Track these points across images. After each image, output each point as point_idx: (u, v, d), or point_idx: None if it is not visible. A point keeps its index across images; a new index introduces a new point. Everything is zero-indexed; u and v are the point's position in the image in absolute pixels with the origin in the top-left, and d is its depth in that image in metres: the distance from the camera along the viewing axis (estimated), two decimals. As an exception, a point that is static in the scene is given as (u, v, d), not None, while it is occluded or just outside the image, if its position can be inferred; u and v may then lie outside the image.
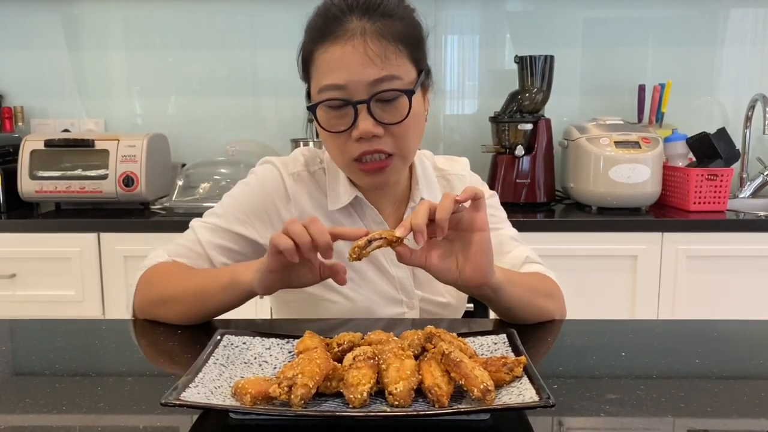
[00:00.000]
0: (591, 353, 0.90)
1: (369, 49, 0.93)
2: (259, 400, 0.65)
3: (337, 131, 0.97)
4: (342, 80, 0.94)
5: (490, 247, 0.87)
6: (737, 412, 0.70)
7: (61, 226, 2.07)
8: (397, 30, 0.96)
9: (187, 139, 2.63)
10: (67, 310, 2.07)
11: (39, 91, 2.65)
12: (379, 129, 0.95)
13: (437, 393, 0.65)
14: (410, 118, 0.97)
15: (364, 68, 0.93)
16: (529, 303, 0.97)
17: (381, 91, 0.94)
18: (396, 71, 0.95)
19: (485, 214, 0.86)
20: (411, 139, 0.99)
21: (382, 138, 0.96)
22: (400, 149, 0.98)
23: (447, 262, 0.88)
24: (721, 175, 2.15)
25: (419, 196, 1.10)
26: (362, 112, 0.94)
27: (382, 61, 0.93)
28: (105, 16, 2.61)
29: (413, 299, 1.11)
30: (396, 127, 0.96)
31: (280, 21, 2.60)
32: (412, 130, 0.99)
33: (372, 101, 0.94)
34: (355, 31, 0.94)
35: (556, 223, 2.09)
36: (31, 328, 1.02)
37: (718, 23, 2.58)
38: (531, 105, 2.32)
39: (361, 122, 0.94)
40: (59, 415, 0.69)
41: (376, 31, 0.94)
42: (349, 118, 0.95)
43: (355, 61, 0.93)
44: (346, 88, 0.94)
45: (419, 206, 0.83)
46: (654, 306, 2.07)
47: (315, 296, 1.09)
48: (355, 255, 0.83)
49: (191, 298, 0.97)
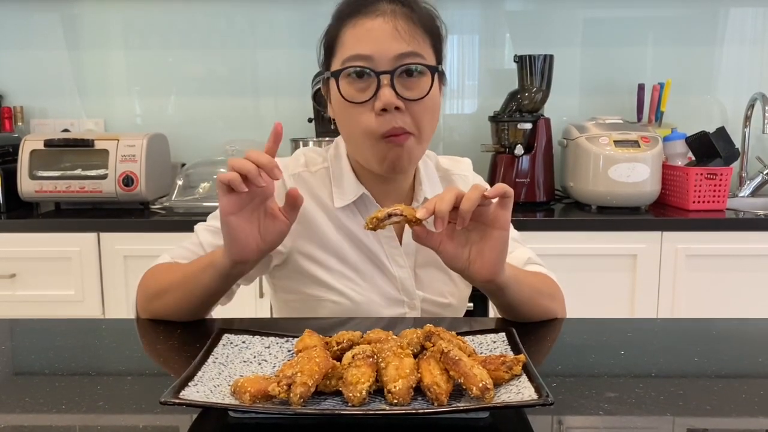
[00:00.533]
0: (590, 352, 0.90)
1: (399, 25, 0.95)
2: (258, 399, 0.65)
3: (358, 102, 0.97)
4: (369, 51, 0.95)
5: (506, 246, 0.87)
6: (736, 411, 0.70)
7: (61, 226, 2.07)
8: (423, 19, 0.99)
9: (187, 139, 2.63)
10: (66, 310, 2.07)
11: (39, 91, 2.65)
12: (400, 102, 0.95)
13: (436, 391, 0.65)
14: (430, 99, 0.98)
15: (392, 41, 0.95)
16: (532, 302, 0.98)
17: (406, 63, 0.95)
18: (422, 51, 0.97)
19: (509, 213, 0.86)
20: (428, 120, 1.00)
21: (401, 114, 0.96)
22: (418, 129, 0.98)
23: (459, 250, 0.88)
24: (720, 175, 2.15)
25: (422, 196, 1.09)
26: (385, 84, 0.95)
27: (410, 38, 0.96)
28: (105, 16, 2.62)
29: (414, 299, 1.10)
30: (416, 104, 0.97)
31: (280, 21, 2.60)
32: (430, 111, 0.99)
33: (396, 74, 0.95)
34: (385, 10, 0.97)
35: (555, 223, 2.09)
36: (31, 327, 1.02)
37: (718, 22, 2.58)
38: (530, 104, 2.32)
39: (384, 93, 0.95)
40: (59, 414, 0.69)
41: (405, 14, 0.97)
42: (371, 89, 0.96)
43: (384, 33, 0.95)
44: (372, 59, 0.95)
45: (446, 192, 0.83)
46: (653, 305, 2.07)
47: (316, 297, 1.08)
48: (372, 225, 0.83)
49: (179, 286, 0.97)
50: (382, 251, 1.09)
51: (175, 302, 0.98)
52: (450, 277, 1.13)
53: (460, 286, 1.15)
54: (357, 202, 1.08)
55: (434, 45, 1.01)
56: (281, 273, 1.11)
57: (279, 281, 1.12)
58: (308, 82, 2.38)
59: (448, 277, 1.13)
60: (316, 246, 1.07)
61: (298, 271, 1.09)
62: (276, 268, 1.11)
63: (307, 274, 1.08)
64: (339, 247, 1.08)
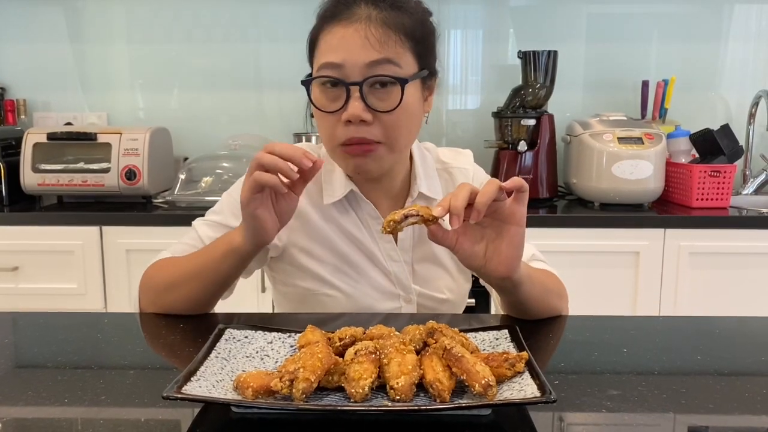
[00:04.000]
0: (593, 349, 0.90)
1: (370, 33, 0.94)
2: (260, 394, 0.65)
3: (328, 111, 0.97)
4: (339, 59, 0.94)
5: (522, 242, 0.87)
6: (738, 409, 0.70)
7: (64, 219, 2.08)
8: (403, 22, 0.97)
9: (190, 133, 2.63)
10: (69, 303, 2.07)
11: (42, 85, 2.64)
12: (368, 115, 0.95)
13: (439, 388, 0.65)
14: (402, 109, 0.96)
15: (362, 50, 0.94)
16: (542, 301, 0.98)
17: (374, 75, 0.94)
18: (394, 57, 0.95)
19: (525, 209, 0.86)
20: (401, 131, 0.99)
21: (370, 126, 0.96)
22: (388, 139, 0.98)
23: (476, 248, 0.87)
24: (724, 172, 2.15)
25: (417, 191, 1.09)
26: (354, 95, 0.94)
27: (381, 46, 0.94)
28: (108, 9, 2.61)
29: (410, 294, 1.11)
30: (386, 115, 0.96)
31: (283, 15, 2.60)
32: (403, 122, 0.98)
33: (365, 85, 0.94)
34: (360, 16, 0.95)
35: (558, 219, 2.09)
36: (34, 321, 1.02)
37: (722, 19, 2.57)
38: (534, 100, 2.31)
39: (352, 105, 0.94)
40: (61, 407, 0.70)
41: (381, 19, 0.95)
42: (341, 99, 0.96)
43: (354, 42, 0.94)
44: (343, 68, 0.95)
45: (459, 188, 0.82)
46: (656, 302, 2.06)
47: (310, 290, 1.09)
48: (389, 228, 0.83)
49: (195, 276, 0.98)
50: (375, 246, 1.09)
51: (190, 293, 0.99)
52: (448, 273, 1.13)
53: (459, 282, 1.15)
54: (348, 198, 1.09)
55: (416, 49, 0.98)
56: (278, 266, 1.12)
57: (276, 274, 1.13)
58: (311, 77, 2.37)
59: (446, 273, 1.13)
60: (311, 240, 1.08)
61: (294, 265, 1.10)
62: (273, 261, 1.12)
63: (302, 267, 1.09)
64: (332, 241, 1.09)
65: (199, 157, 2.37)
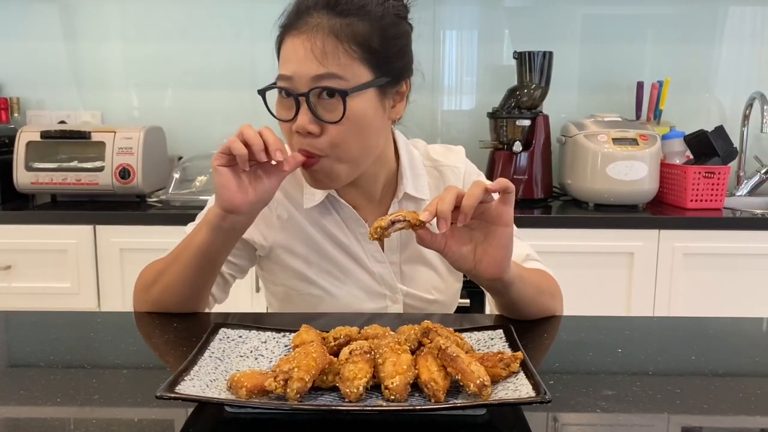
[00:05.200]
0: (587, 350, 0.90)
1: (315, 46, 0.93)
2: (254, 394, 0.65)
3: (283, 120, 0.98)
4: (289, 72, 0.95)
5: (511, 243, 0.87)
6: (733, 409, 0.70)
7: (57, 218, 2.07)
8: (355, 30, 0.94)
9: (184, 132, 2.62)
10: (62, 302, 2.07)
11: (35, 82, 2.63)
12: (314, 127, 0.94)
13: (433, 388, 0.65)
14: (350, 121, 0.94)
15: (306, 63, 0.93)
16: (535, 301, 0.98)
17: (316, 88, 0.93)
18: (338, 70, 0.93)
19: (512, 209, 0.86)
20: (350, 143, 0.96)
21: (317, 138, 0.95)
22: (334, 151, 0.96)
23: (465, 251, 0.87)
24: (718, 173, 2.15)
25: (403, 191, 1.09)
26: (303, 107, 0.94)
27: (324, 58, 0.93)
28: (102, 7, 2.60)
29: (396, 294, 1.11)
30: (333, 127, 0.94)
31: (278, 14, 2.58)
32: (352, 133, 0.95)
33: (311, 96, 0.94)
34: (310, 25, 0.95)
35: (553, 220, 2.09)
36: (27, 320, 1.01)
37: (717, 21, 2.58)
38: (529, 101, 2.31)
39: (300, 116, 0.94)
40: (54, 407, 0.69)
41: (329, 29, 0.93)
42: (293, 110, 0.96)
43: (300, 54, 0.94)
44: (293, 80, 0.95)
45: (446, 192, 0.82)
46: (650, 303, 2.07)
47: (296, 290, 1.10)
48: (377, 235, 0.83)
49: (176, 259, 0.98)
50: (359, 247, 1.09)
51: (174, 279, 0.98)
52: (437, 273, 1.13)
53: (448, 282, 1.15)
54: (331, 200, 1.08)
55: (370, 58, 0.94)
56: (266, 265, 1.12)
57: (265, 273, 1.14)
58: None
59: (435, 273, 1.13)
60: (295, 241, 1.08)
61: (280, 265, 1.10)
62: (261, 260, 1.12)
63: (288, 267, 1.09)
64: (316, 242, 1.09)
65: (194, 156, 2.36)
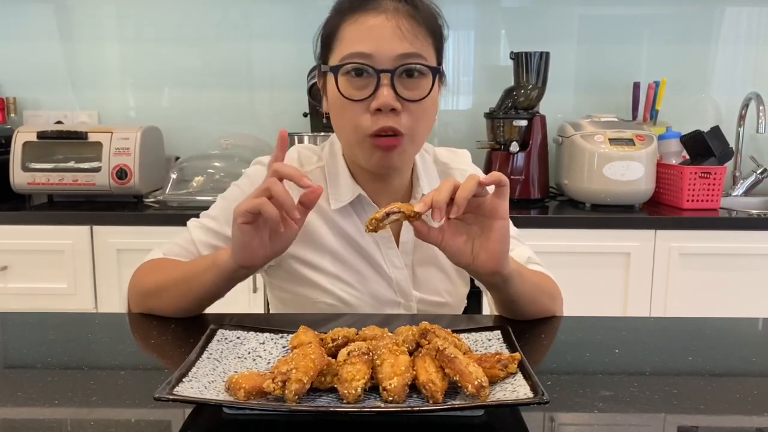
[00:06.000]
0: (585, 350, 0.90)
1: (402, 24, 0.94)
2: (252, 395, 0.65)
3: (356, 99, 0.95)
4: (370, 49, 0.93)
5: (507, 236, 0.87)
6: (729, 410, 0.71)
7: (54, 218, 2.06)
8: (426, 18, 0.97)
9: (181, 132, 2.61)
10: (59, 303, 2.06)
11: (32, 83, 2.62)
12: (398, 103, 0.94)
13: (431, 389, 0.65)
14: (428, 100, 0.96)
15: (394, 41, 0.93)
16: (534, 300, 0.98)
17: (407, 63, 0.94)
18: (423, 52, 0.96)
19: (507, 203, 0.86)
20: (424, 122, 0.99)
21: (398, 115, 0.95)
22: (412, 131, 0.97)
23: (463, 245, 0.87)
24: (714, 173, 2.16)
25: (420, 193, 1.08)
26: (384, 83, 0.93)
27: (413, 38, 0.94)
28: (98, 7, 2.60)
29: (411, 301, 1.10)
30: (414, 105, 0.95)
31: (275, 13, 2.59)
32: (428, 112, 0.98)
33: (396, 74, 0.94)
34: (388, 7, 0.95)
35: (549, 220, 2.10)
36: (23, 321, 1.01)
37: (713, 21, 2.59)
38: (526, 101, 2.31)
39: (382, 93, 0.93)
40: (51, 408, 0.69)
41: (408, 12, 0.95)
42: (369, 88, 0.94)
43: (386, 32, 0.93)
44: (373, 58, 0.93)
45: (443, 183, 0.82)
46: (646, 303, 2.07)
47: (309, 298, 1.08)
48: (372, 227, 0.83)
49: (179, 285, 0.97)
50: (378, 252, 1.08)
51: (173, 301, 0.98)
52: (447, 276, 1.13)
53: (457, 285, 1.15)
54: (353, 203, 1.07)
55: (436, 45, 0.99)
56: (276, 273, 1.10)
57: (274, 280, 1.12)
58: (304, 76, 2.37)
59: (445, 276, 1.12)
60: (311, 249, 1.06)
61: (292, 274, 1.08)
62: (271, 268, 1.10)
63: (301, 276, 1.07)
64: (334, 249, 1.07)
65: (191, 157, 2.36)
